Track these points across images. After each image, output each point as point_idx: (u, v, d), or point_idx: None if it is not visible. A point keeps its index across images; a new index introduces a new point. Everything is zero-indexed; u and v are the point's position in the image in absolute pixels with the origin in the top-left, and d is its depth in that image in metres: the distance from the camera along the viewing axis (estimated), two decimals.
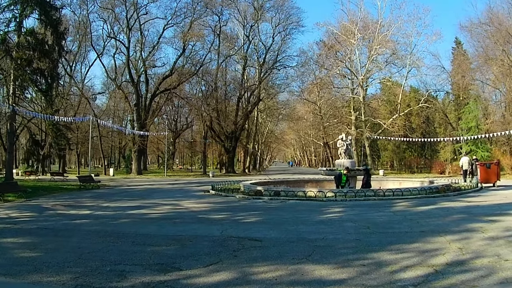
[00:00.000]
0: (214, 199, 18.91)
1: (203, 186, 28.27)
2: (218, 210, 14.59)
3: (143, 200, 18.50)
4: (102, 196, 21.30)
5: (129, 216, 13.25)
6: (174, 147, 78.27)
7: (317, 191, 18.84)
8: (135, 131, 49.33)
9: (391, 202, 16.49)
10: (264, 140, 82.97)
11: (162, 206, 16.00)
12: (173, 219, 12.31)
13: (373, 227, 10.42)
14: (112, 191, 24.78)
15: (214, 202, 17.25)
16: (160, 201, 18.14)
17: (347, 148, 24.78)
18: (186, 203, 16.90)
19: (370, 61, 51.32)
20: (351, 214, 13.01)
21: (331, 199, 17.72)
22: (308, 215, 12.81)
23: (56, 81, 39.43)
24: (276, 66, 57.95)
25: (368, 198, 17.71)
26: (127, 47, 51.12)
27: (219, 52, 55.74)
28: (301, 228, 10.39)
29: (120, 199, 19.18)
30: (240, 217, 12.52)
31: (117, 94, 59.87)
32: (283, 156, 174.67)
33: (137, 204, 16.68)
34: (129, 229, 10.54)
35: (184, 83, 56.77)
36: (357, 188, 22.52)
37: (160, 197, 20.35)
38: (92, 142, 65.48)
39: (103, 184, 30.95)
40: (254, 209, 14.57)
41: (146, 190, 25.58)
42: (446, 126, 71.95)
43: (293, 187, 28.05)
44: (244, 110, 57.90)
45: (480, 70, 48.30)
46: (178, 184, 32.31)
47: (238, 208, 15.06)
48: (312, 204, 16.23)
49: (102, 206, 16.41)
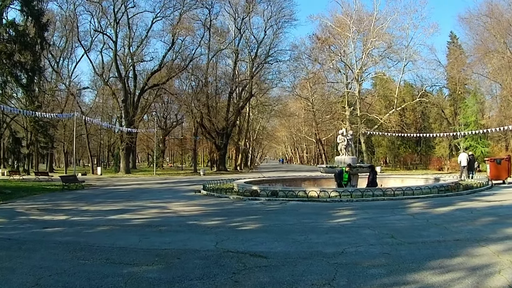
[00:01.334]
0: (206, 200, 17.12)
1: (193, 186, 26.56)
2: (210, 214, 12.80)
3: (127, 202, 16.69)
4: (84, 197, 19.44)
5: (108, 222, 11.43)
6: (164, 145, 76.29)
7: (319, 190, 17.14)
8: (123, 128, 47.31)
9: (404, 203, 14.86)
10: (255, 137, 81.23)
11: (147, 209, 14.18)
12: (159, 226, 10.51)
13: (397, 236, 8.73)
14: (96, 192, 22.91)
15: (206, 204, 15.46)
16: (146, 203, 16.32)
17: (348, 144, 23.17)
18: (175, 206, 15.11)
19: (366, 54, 49.71)
20: (365, 218, 11.30)
21: (335, 199, 16.03)
22: (315, 220, 11.08)
23: (38, 75, 37.27)
24: (268, 60, 56.21)
25: (377, 198, 16.06)
26: (115, 41, 49.13)
27: (209, 46, 53.88)
28: (312, 238, 8.65)
29: (103, 202, 17.32)
30: (237, 223, 10.74)
31: (106, 91, 57.95)
32: (273, 153, 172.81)
33: (120, 207, 14.87)
34: (106, 241, 8.74)
35: (174, 78, 54.89)
36: (359, 186, 20.90)
37: (146, 198, 18.53)
38: (81, 140, 63.88)
39: (88, 184, 29.17)
40: (251, 213, 12.80)
41: (132, 191, 23.73)
42: (442, 121, 70.81)
43: (290, 185, 26.50)
44: (235, 106, 56.09)
45: (480, 63, 46.80)
46: (168, 184, 30.48)
47: (234, 211, 13.29)
48: (316, 206, 14.52)
49: (81, 210, 14.60)
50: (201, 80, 54.36)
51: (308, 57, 58.13)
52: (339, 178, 19.96)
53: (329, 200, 15.94)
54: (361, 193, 16.50)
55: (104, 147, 75.77)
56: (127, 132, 47.89)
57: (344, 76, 56.64)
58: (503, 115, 48.20)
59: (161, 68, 51.07)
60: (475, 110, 47.61)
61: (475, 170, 27.75)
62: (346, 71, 56.29)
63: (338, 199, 16.01)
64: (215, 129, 54.59)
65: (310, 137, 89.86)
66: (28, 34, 30.86)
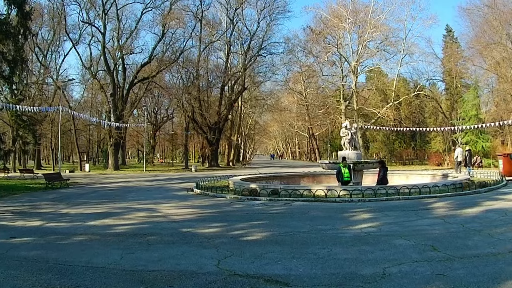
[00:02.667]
0: (200, 200, 15.36)
1: (185, 183, 24.89)
2: (207, 218, 11.04)
3: (113, 204, 14.90)
4: (67, 197, 17.60)
5: (88, 230, 9.65)
6: (154, 141, 74.25)
7: (325, 189, 15.47)
8: (111, 123, 45.27)
9: (423, 203, 13.28)
10: (247, 132, 79.46)
11: (134, 212, 12.39)
12: (146, 235, 8.75)
13: (440, 247, 7.09)
14: (81, 191, 21.05)
15: (201, 206, 13.72)
16: (133, 204, 14.55)
17: (351, 138, 21.47)
18: (166, 208, 13.34)
19: (363, 46, 48.05)
20: (389, 224, 9.64)
21: (345, 199, 14.37)
22: (332, 226, 9.40)
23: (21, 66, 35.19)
24: (262, 53, 54.36)
25: (391, 198, 14.44)
26: (103, 33, 47.11)
27: (200, 38, 51.85)
28: (338, 252, 6.95)
29: (86, 202, 15.51)
30: (239, 231, 9.00)
31: (95, 86, 55.96)
32: (264, 148, 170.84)
33: (103, 210, 13.10)
34: (80, 257, 6.99)
35: (164, 71, 52.94)
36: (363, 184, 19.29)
37: (134, 198, 16.73)
38: (70, 136, 61.71)
39: (74, 182, 27.34)
40: (254, 217, 11.07)
41: (120, 189, 21.87)
42: (437, 116, 69.68)
43: (288, 183, 24.87)
44: (228, 100, 54.23)
45: (481, 55, 45.31)
46: (158, 181, 28.63)
47: (233, 215, 11.53)
48: (325, 207, 12.85)
49: (60, 213, 12.82)
50: (192, 73, 52.41)
51: (303, 49, 56.50)
52: (339, 175, 18.30)
53: (338, 200, 14.29)
54: (374, 192, 14.86)
55: (93, 143, 73.76)
56: (116, 127, 45.90)
57: (340, 69, 55.10)
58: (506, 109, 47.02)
59: (151, 60, 49.11)
60: (476, 104, 46.29)
61: (472, 166, 27.50)
62: (342, 63, 54.78)
63: (348, 199, 14.36)
64: (207, 123, 52.75)
65: (302, 132, 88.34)
66: (11, 22, 29.18)
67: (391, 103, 49.87)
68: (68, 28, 49.19)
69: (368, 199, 14.37)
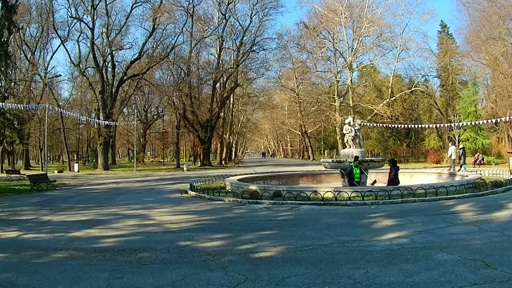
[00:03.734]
0: (196, 204, 13.96)
1: (178, 184, 23.56)
2: (207, 227, 9.66)
3: (100, 209, 13.47)
4: (52, 201, 16.16)
5: (69, 244, 8.25)
6: (144, 139, 72.49)
7: (333, 190, 14.19)
8: (100, 121, 43.62)
9: (443, 206, 12.09)
10: (239, 130, 78.04)
11: (124, 220, 10.99)
12: (138, 251, 7.35)
13: (494, 263, 5.88)
14: (68, 194, 19.58)
15: (198, 211, 12.34)
16: (123, 209, 13.15)
17: (355, 135, 20.23)
18: (159, 214, 11.95)
19: (359, 41, 46.80)
20: (420, 232, 8.34)
21: (357, 202, 13.10)
22: (356, 237, 8.07)
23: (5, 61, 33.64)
24: (255, 49, 52.96)
25: (407, 200, 13.20)
26: (92, 28, 45.44)
27: (192, 33, 50.28)
28: (376, 273, 5.61)
29: (71, 207, 14.08)
30: (248, 245, 7.61)
31: (84, 84, 54.35)
32: (255, 147, 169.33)
33: (89, 217, 11.68)
34: (57, 283, 5.67)
35: (155, 68, 51.35)
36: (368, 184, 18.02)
37: (124, 202, 15.32)
38: (60, 135, 59.85)
39: (61, 183, 25.98)
40: (261, 225, 9.71)
41: (109, 191, 20.40)
42: (432, 113, 68.92)
43: (287, 182, 23.67)
44: (220, 96, 52.76)
45: (481, 51, 44.22)
46: (149, 181, 27.18)
47: (237, 222, 10.15)
48: (338, 212, 11.55)
49: (41, 220, 11.41)
50: (183, 70, 50.87)
51: (296, 45, 55.18)
52: (350, 174, 17.01)
53: (349, 203, 13.01)
54: (388, 194, 13.59)
55: (83, 142, 71.94)
56: (105, 125, 44.27)
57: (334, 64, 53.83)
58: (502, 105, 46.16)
59: (141, 56, 47.55)
60: (475, 99, 45.34)
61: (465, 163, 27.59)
62: (336, 59, 53.50)
63: (360, 202, 13.08)
64: (199, 121, 51.27)
65: (295, 130, 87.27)
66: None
67: (388, 99, 48.73)
68: (56, 25, 48.05)
69: (382, 201, 13.13)
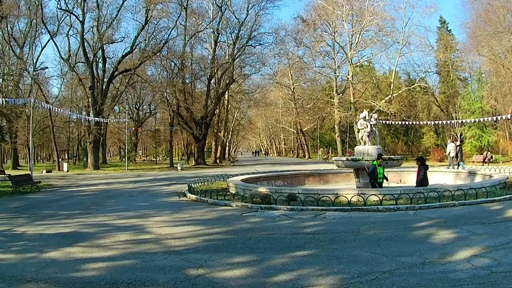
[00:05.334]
0: (199, 211, 11.88)
1: (174, 185, 21.51)
2: (221, 245, 7.52)
3: (86, 217, 11.33)
4: (33, 206, 14.02)
5: (42, 271, 6.19)
6: (136, 137, 70.14)
7: (357, 193, 12.24)
8: (90, 118, 41.29)
9: (490, 210, 10.44)
10: (233, 128, 75.99)
11: (114, 233, 8.87)
12: (133, 283, 5.32)
13: None
14: (51, 197, 17.37)
15: (204, 220, 10.27)
16: (113, 218, 11.03)
17: (371, 130, 18.25)
18: (157, 224, 9.85)
19: (360, 34, 44.92)
20: (497, 249, 6.45)
21: (390, 207, 11.12)
22: (422, 258, 6.08)
23: None
24: (251, 43, 50.77)
25: (445, 204, 11.29)
26: (82, 21, 43.06)
27: (185, 27, 47.99)
28: None
29: (53, 215, 11.95)
30: (286, 276, 5.49)
31: (74, 81, 52.05)
32: (247, 145, 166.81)
33: (72, 229, 9.55)
34: None
35: (147, 63, 49.09)
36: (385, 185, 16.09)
37: (115, 208, 13.19)
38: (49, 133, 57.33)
39: (47, 185, 23.78)
40: (290, 242, 7.59)
41: (98, 194, 18.18)
42: (430, 110, 67.59)
43: (292, 183, 21.74)
44: (215, 92, 50.58)
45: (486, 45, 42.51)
46: (142, 182, 25.00)
47: (257, 237, 8.03)
48: (375, 220, 9.56)
49: (14, 233, 9.32)
50: (177, 65, 48.62)
51: (294, 39, 53.18)
52: (373, 174, 15.05)
53: (381, 208, 11.04)
54: (425, 197, 11.65)
55: (73, 141, 69.46)
56: (95, 122, 41.93)
57: (333, 60, 51.98)
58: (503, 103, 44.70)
59: (133, 50, 45.20)
60: (481, 96, 43.65)
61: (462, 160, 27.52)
62: (335, 54, 51.66)
63: (393, 207, 11.12)
64: (193, 118, 49.07)
65: (290, 128, 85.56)
66: None
67: (390, 96, 46.94)
68: (46, 19, 45.42)
69: (417, 205, 11.20)
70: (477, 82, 44.68)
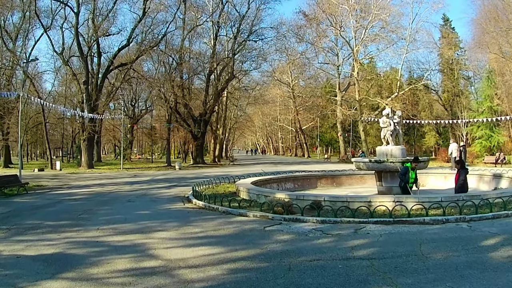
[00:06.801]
0: (211, 223, 9.96)
1: (175, 188, 19.72)
2: (254, 278, 5.57)
3: (76, 231, 9.40)
4: (14, 215, 12.03)
5: None
6: (132, 135, 68.10)
7: (394, 201, 10.46)
8: (84, 114, 39.28)
9: None
10: (232, 125, 74.14)
11: (110, 257, 6.95)
12: None
13: None
14: (40, 201, 15.45)
15: (220, 237, 8.37)
16: (108, 232, 9.09)
17: (394, 129, 16.47)
18: (163, 244, 7.88)
19: (366, 28, 43.13)
20: None
21: (436, 218, 9.34)
22: None
23: None
24: (252, 38, 48.90)
25: (498, 214, 9.55)
26: (76, 12, 41.06)
27: (184, 20, 46.02)
28: None
29: (37, 226, 10.06)
30: None
31: (68, 77, 50.21)
32: (242, 144, 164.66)
33: (57, 249, 7.61)
34: None
35: (144, 59, 47.25)
36: None
37: (110, 217, 11.23)
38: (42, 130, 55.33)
39: (37, 185, 21.98)
40: (347, 274, 5.67)
41: (91, 198, 16.19)
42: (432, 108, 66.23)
43: (303, 185, 20.04)
44: (214, 88, 48.67)
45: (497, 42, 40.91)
46: (140, 184, 23.05)
47: (299, 266, 6.08)
48: (432, 236, 7.77)
49: None
50: (175, 60, 46.66)
51: (295, 35, 51.37)
52: (405, 178, 13.26)
53: (427, 220, 9.26)
54: (475, 207, 9.87)
55: (68, 138, 67.39)
56: (90, 119, 39.96)
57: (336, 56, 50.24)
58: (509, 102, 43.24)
59: (130, 43, 43.29)
60: (490, 94, 42.15)
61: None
62: (338, 50, 49.92)
63: (441, 218, 9.34)
64: (192, 115, 47.15)
65: (289, 126, 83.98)
66: None
67: (396, 93, 45.21)
68: (39, 12, 43.44)
69: (468, 217, 9.44)
70: (486, 80, 43.05)
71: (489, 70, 44.63)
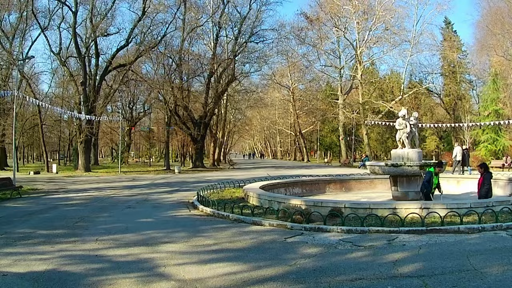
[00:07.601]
0: (224, 233, 8.95)
1: (177, 193, 18.78)
2: None
3: (72, 242, 8.36)
4: (5, 222, 10.96)
5: None
6: (129, 138, 67.09)
7: (421, 207, 9.51)
8: (81, 116, 38.33)
9: None
10: (231, 129, 73.27)
11: (111, 276, 5.86)
12: None
13: None
14: (33, 206, 14.41)
15: (237, 251, 7.34)
16: (108, 245, 8.02)
17: (411, 131, 15.57)
18: (173, 259, 6.86)
19: (371, 30, 42.32)
20: None
21: (472, 226, 8.39)
22: None
23: None
24: (253, 40, 48.03)
25: None
26: (74, 12, 40.19)
27: (184, 20, 45.09)
28: None
29: (28, 236, 9.03)
30: None
31: (66, 78, 49.29)
32: (239, 147, 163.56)
33: (50, 266, 6.55)
34: None
35: (143, 60, 46.39)
36: None
37: (109, 226, 10.18)
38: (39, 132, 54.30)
39: (31, 189, 21.08)
40: None
41: (88, 204, 15.11)
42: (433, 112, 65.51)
43: (312, 190, 19.18)
44: (215, 91, 47.71)
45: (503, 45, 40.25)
46: (139, 188, 22.03)
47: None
48: (469, 247, 6.90)
49: None
50: (174, 61, 45.70)
51: (297, 37, 50.53)
52: (428, 184, 12.32)
53: (462, 228, 8.31)
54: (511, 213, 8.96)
55: (65, 140, 66.30)
56: (87, 121, 39.01)
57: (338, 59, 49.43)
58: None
59: (128, 43, 42.42)
60: (496, 98, 41.39)
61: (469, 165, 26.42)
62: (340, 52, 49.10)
63: (477, 227, 8.39)
64: (191, 118, 46.18)
65: (289, 130, 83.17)
66: None
67: (401, 96, 44.41)
68: (36, 10, 42.48)
69: (505, 225, 8.51)
70: (492, 83, 42.26)
71: (494, 73, 43.85)
